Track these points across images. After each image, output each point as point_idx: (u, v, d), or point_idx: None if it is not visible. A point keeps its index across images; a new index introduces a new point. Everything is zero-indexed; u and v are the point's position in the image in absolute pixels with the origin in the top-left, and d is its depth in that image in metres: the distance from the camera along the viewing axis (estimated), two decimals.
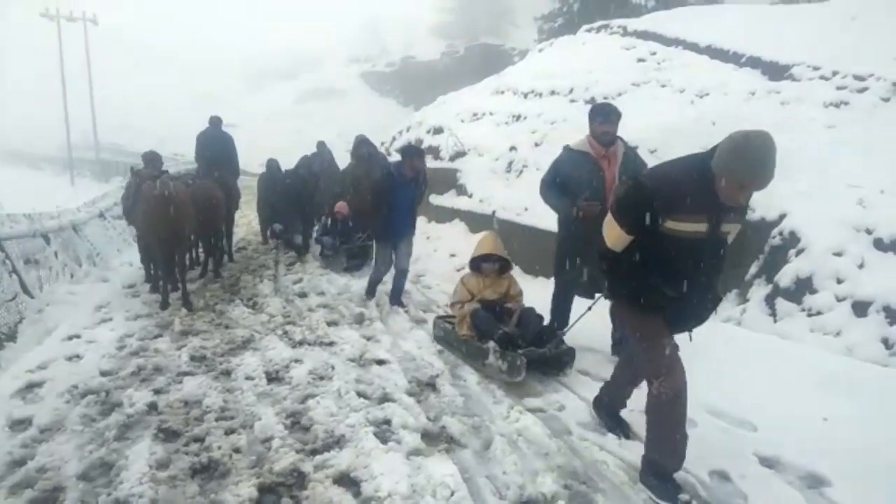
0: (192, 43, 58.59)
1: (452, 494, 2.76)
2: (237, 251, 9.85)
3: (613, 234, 2.94)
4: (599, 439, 3.35)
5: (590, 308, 3.93)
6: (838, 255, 5.82)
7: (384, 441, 3.34)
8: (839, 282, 5.65)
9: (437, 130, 14.17)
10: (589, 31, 16.23)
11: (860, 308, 5.33)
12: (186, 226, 6.58)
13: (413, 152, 6.46)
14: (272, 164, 11.07)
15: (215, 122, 9.73)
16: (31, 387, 4.26)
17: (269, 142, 29.96)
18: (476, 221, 9.46)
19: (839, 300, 5.56)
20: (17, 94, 49.47)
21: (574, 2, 26.01)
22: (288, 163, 11.21)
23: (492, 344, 4.48)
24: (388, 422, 3.60)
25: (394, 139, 16.70)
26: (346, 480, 2.99)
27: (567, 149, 4.87)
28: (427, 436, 3.45)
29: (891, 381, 3.75)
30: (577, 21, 22.41)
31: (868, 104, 8.67)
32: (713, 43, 12.16)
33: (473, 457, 3.24)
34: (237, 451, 3.27)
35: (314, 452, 3.25)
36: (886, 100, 8.63)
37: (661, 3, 22.45)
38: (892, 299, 5.17)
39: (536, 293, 6.77)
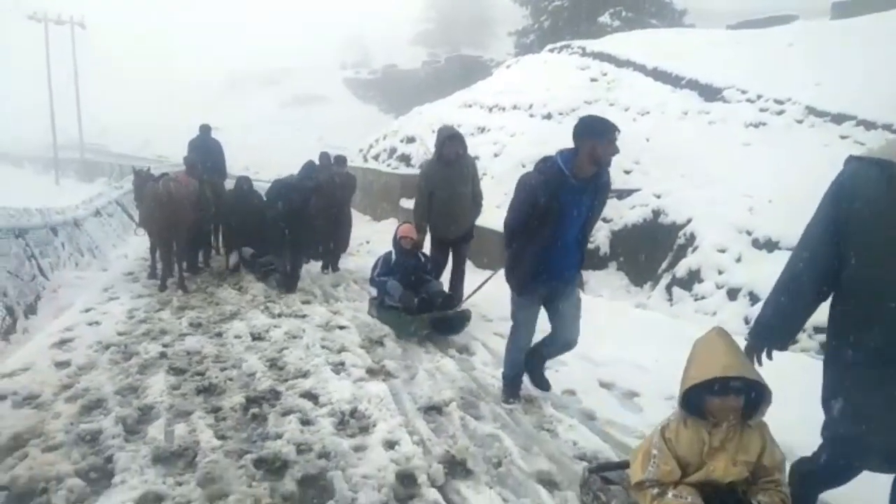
0: (178, 47, 59.52)
1: (381, 400, 3.96)
2: None
3: None
4: (495, 371, 4.54)
5: None
6: (722, 251, 7.10)
7: (338, 373, 4.55)
8: (720, 273, 6.94)
9: (410, 140, 15.32)
10: (552, 50, 17.46)
11: (732, 293, 6.62)
12: (184, 221, 7.67)
13: (609, 129, 3.51)
14: (242, 184, 8.92)
15: (204, 129, 10.70)
16: (63, 342, 5.38)
17: (251, 146, 30.86)
18: None
19: (718, 287, 6.85)
20: (3, 94, 50.05)
21: (545, 19, 27.50)
22: (273, 169, 11.14)
23: None
24: (342, 363, 4.78)
25: (370, 146, 17.83)
26: (309, 395, 4.18)
27: (854, 160, 2.08)
28: (370, 371, 4.64)
29: None
30: (548, 38, 23.80)
31: (783, 125, 9.93)
32: (659, 65, 13.25)
33: (401, 383, 4.44)
34: (230, 379, 4.45)
35: (286, 380, 4.45)
36: (800, 121, 9.90)
37: (625, 23, 23.86)
38: (755, 286, 6.43)
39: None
